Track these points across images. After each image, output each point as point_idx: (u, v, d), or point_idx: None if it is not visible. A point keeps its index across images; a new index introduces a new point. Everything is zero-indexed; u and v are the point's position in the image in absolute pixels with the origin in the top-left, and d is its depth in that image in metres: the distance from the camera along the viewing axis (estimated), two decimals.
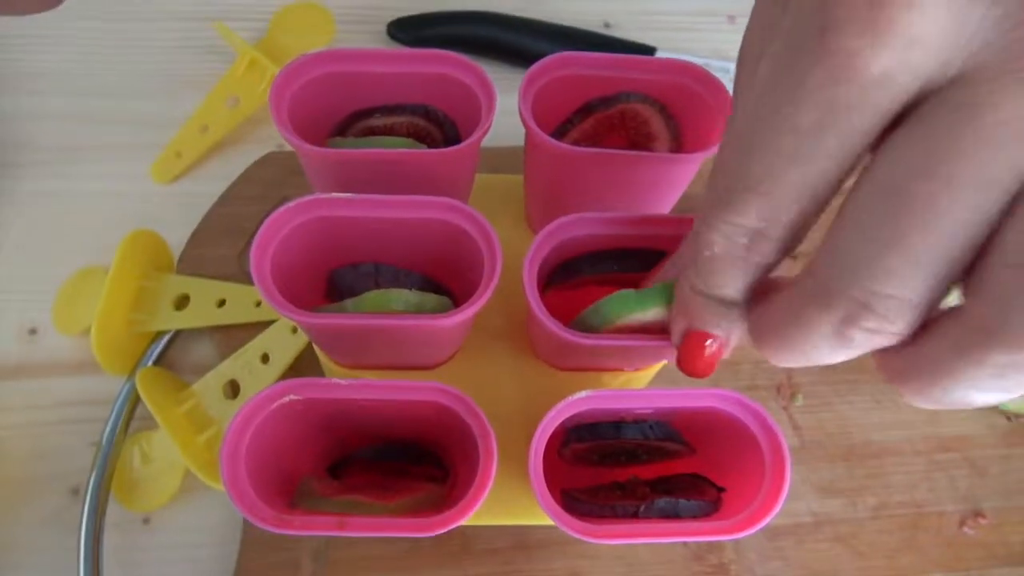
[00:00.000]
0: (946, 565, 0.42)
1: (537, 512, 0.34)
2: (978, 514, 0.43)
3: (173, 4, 0.55)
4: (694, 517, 0.29)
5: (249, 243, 0.46)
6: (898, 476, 0.44)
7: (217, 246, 0.46)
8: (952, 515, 0.43)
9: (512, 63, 0.55)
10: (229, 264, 0.45)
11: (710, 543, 0.41)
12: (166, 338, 0.44)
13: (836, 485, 0.43)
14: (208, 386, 0.42)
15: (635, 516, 0.29)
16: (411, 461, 0.35)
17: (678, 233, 0.31)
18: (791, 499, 0.43)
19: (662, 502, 0.29)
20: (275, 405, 0.28)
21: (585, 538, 0.27)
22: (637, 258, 0.31)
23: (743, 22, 0.36)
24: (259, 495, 0.27)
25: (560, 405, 0.28)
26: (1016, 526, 0.43)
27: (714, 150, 0.33)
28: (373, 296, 0.30)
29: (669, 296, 0.27)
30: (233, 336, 0.43)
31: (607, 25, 0.58)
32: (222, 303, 0.44)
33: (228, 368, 0.42)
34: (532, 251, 0.29)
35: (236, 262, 0.45)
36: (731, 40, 0.58)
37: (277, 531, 0.26)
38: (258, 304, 0.43)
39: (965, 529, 0.43)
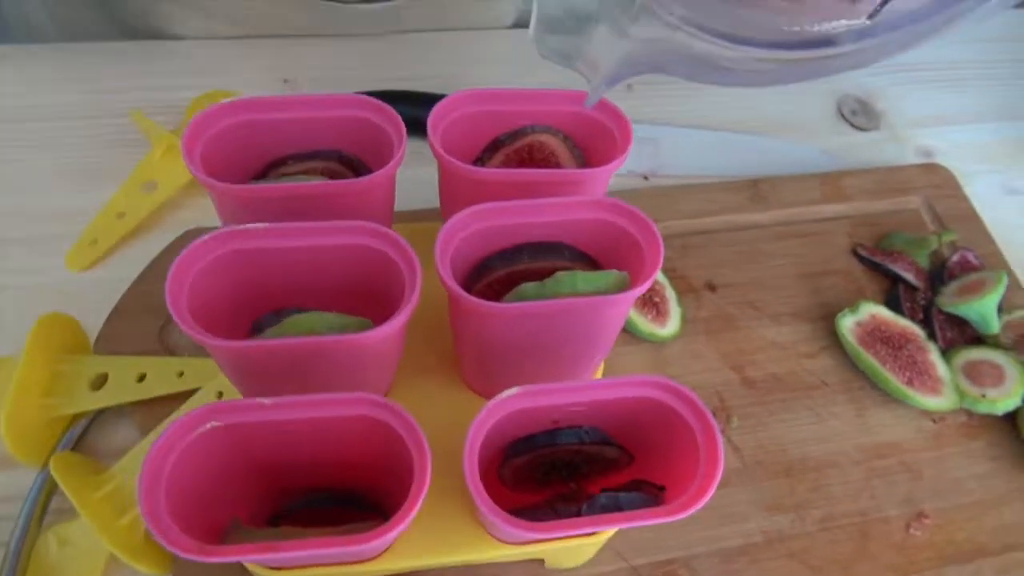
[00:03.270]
0: (899, 569, 0.42)
1: (484, 545, 0.33)
2: (921, 515, 0.43)
3: (87, 101, 0.56)
4: (636, 510, 0.29)
5: (169, 319, 0.45)
6: (839, 487, 0.44)
7: (136, 323, 0.44)
8: (897, 519, 0.43)
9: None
10: (149, 340, 0.44)
11: (665, 572, 0.40)
12: (84, 422, 0.42)
13: (781, 502, 0.43)
14: (130, 465, 0.40)
15: (578, 515, 0.28)
16: (347, 508, 0.34)
17: (583, 217, 0.32)
18: (740, 519, 0.42)
19: (603, 498, 0.28)
20: (196, 433, 0.27)
21: (527, 534, 0.26)
22: (546, 250, 0.32)
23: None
24: (183, 528, 0.25)
25: (492, 403, 0.28)
26: (959, 523, 0.44)
27: (617, 165, 0.35)
28: (294, 320, 0.30)
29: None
30: (156, 410, 0.42)
31: None
32: (142, 378, 0.42)
33: (151, 443, 0.40)
34: (440, 244, 0.30)
35: (156, 338, 0.44)
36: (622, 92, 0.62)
37: (203, 559, 0.24)
38: (180, 374, 0.42)
39: (912, 531, 0.43)
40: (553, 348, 0.33)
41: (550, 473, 0.33)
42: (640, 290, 0.31)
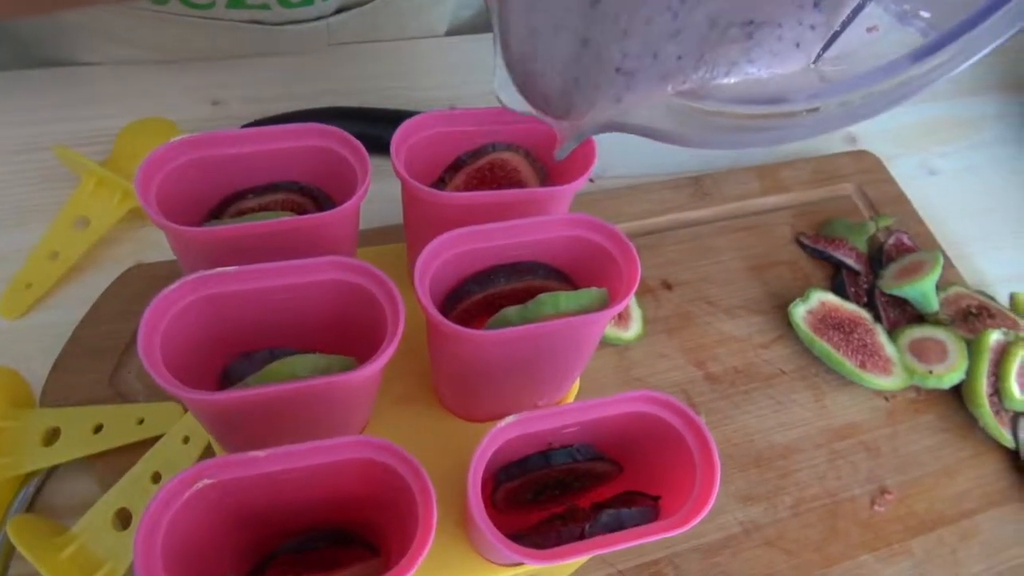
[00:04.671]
0: (869, 545, 0.44)
1: (479, 569, 0.33)
2: (884, 491, 0.46)
3: (2, 136, 0.52)
4: (637, 525, 0.29)
5: (121, 362, 0.43)
6: (806, 471, 0.46)
7: (84, 371, 0.42)
8: (862, 497, 0.45)
9: (373, 152, 0.56)
10: (100, 387, 0.42)
11: (651, 574, 0.41)
12: (37, 480, 0.40)
13: (753, 491, 0.45)
14: (93, 523, 0.38)
15: (582, 536, 0.28)
16: (338, 546, 0.33)
17: (558, 235, 0.32)
18: (717, 513, 0.43)
19: (605, 516, 0.29)
20: (189, 493, 0.25)
21: (536, 562, 0.26)
22: (522, 270, 0.32)
23: None
24: None
25: (491, 434, 0.28)
26: (917, 495, 0.46)
27: (582, 182, 0.35)
28: (276, 367, 0.29)
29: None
30: (116, 462, 0.40)
31: (452, 107, 0.61)
32: (99, 428, 0.40)
33: (115, 497, 0.38)
34: (418, 271, 0.30)
35: (108, 385, 0.42)
36: None
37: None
38: (140, 422, 0.40)
39: (876, 507, 0.45)
40: (536, 369, 0.33)
41: (541, 492, 0.33)
42: (622, 305, 0.31)
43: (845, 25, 0.27)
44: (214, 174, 0.34)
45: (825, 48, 0.28)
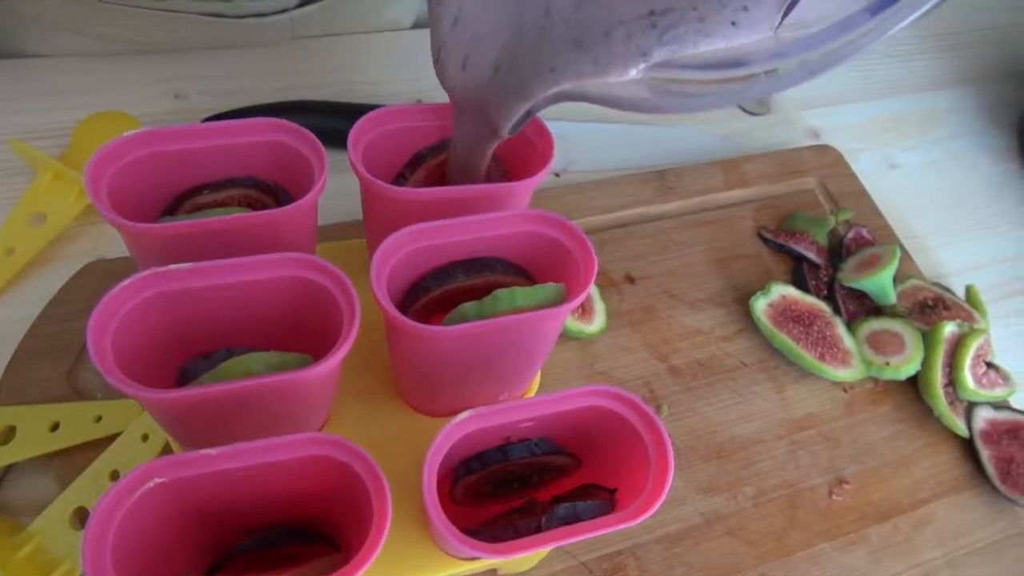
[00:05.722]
0: (827, 534, 0.44)
1: (437, 562, 0.33)
2: (842, 481, 0.46)
3: None
4: (593, 518, 0.29)
5: (79, 359, 0.43)
6: (766, 462, 0.46)
7: (41, 368, 0.42)
8: (821, 487, 0.46)
9: (336, 146, 0.55)
10: (58, 385, 0.41)
11: (613, 565, 0.41)
12: None
13: (715, 482, 0.45)
14: (50, 521, 0.38)
15: (539, 530, 0.28)
16: (298, 544, 0.33)
17: (516, 230, 0.32)
18: (679, 504, 0.44)
19: (562, 510, 0.29)
20: (140, 492, 0.25)
21: (492, 556, 0.26)
22: (480, 266, 0.32)
23: None
24: None
25: (446, 429, 0.28)
26: (874, 484, 0.47)
27: (540, 177, 0.35)
28: (231, 364, 0.29)
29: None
30: (74, 460, 0.39)
31: (419, 102, 0.60)
32: (55, 427, 0.40)
33: (73, 495, 0.38)
34: (375, 268, 0.30)
35: (65, 381, 0.42)
36: None
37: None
38: (98, 419, 0.40)
39: (834, 497, 0.46)
40: (495, 364, 0.33)
41: (500, 487, 0.33)
42: (578, 301, 0.31)
43: None
44: (168, 169, 0.33)
45: (785, 15, 0.28)
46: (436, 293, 0.33)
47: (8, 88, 0.54)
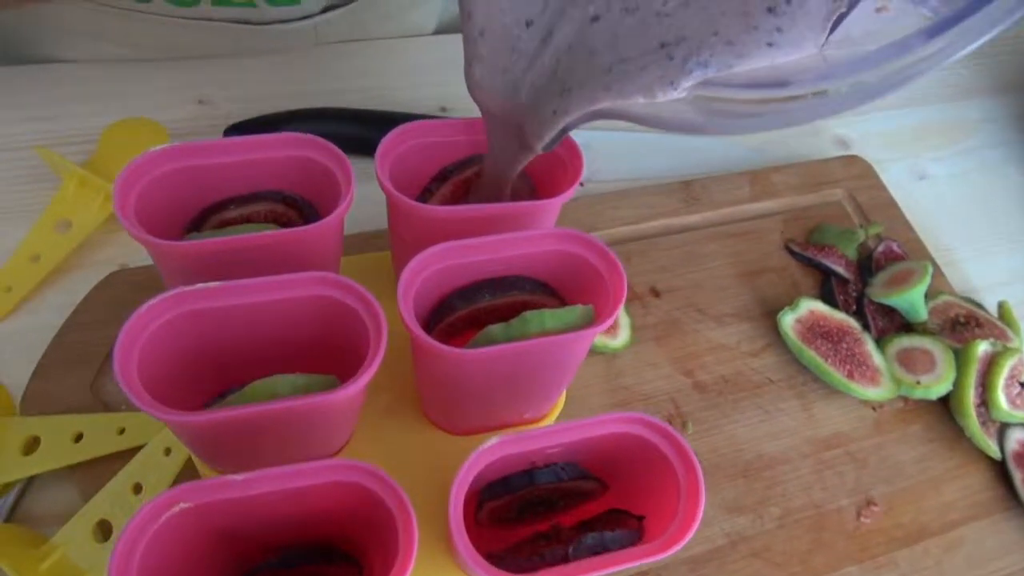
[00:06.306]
0: (854, 557, 0.44)
1: None
2: (870, 502, 0.45)
3: None
4: (622, 547, 0.29)
5: (102, 369, 0.43)
6: (793, 482, 0.46)
7: (65, 378, 0.42)
8: (848, 508, 0.45)
9: (356, 153, 0.55)
10: (81, 395, 0.41)
11: None
12: (17, 489, 0.39)
13: (740, 502, 0.44)
14: (73, 533, 0.38)
15: (566, 559, 0.28)
16: (321, 563, 0.33)
17: (544, 249, 0.32)
18: (704, 525, 0.43)
19: (590, 539, 0.28)
20: (165, 518, 0.25)
21: None
22: (506, 285, 0.32)
23: None
24: None
25: (472, 457, 0.27)
26: (904, 507, 0.46)
27: (568, 195, 0.35)
28: (257, 386, 0.28)
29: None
30: (97, 472, 0.39)
31: (443, 109, 0.60)
32: (79, 438, 0.40)
33: (95, 508, 0.38)
34: (402, 288, 0.29)
35: (89, 392, 0.42)
36: None
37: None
38: (121, 431, 0.40)
39: (862, 519, 0.45)
40: (521, 384, 0.33)
41: (525, 510, 0.33)
42: (607, 323, 0.31)
43: (852, 5, 0.26)
44: (195, 184, 0.33)
45: (832, 31, 0.27)
46: (463, 312, 0.33)
47: (34, 94, 0.54)
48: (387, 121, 0.56)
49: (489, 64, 0.32)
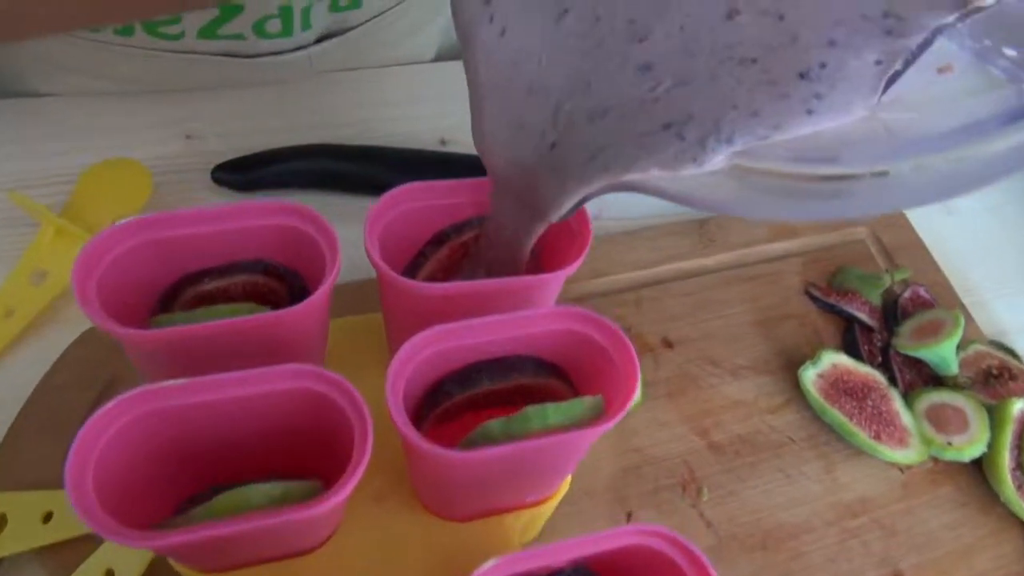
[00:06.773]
0: None
1: None
2: (899, 575, 0.42)
3: None
4: None
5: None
6: (816, 553, 0.43)
7: (35, 449, 0.39)
8: None
9: (353, 192, 0.52)
10: (54, 467, 0.38)
11: None
12: None
13: None
14: None
15: None
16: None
17: (547, 328, 0.29)
18: None
19: None
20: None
21: None
22: (507, 367, 0.29)
23: None
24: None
25: None
26: None
27: (573, 268, 0.32)
28: (227, 497, 0.26)
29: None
30: (67, 555, 0.36)
31: (443, 142, 0.57)
32: (48, 517, 0.37)
33: None
34: (391, 379, 0.27)
35: (61, 465, 0.39)
36: None
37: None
38: None
39: None
40: (522, 478, 0.30)
41: None
42: (618, 418, 0.28)
43: (909, 62, 0.23)
44: (166, 256, 0.30)
45: (884, 90, 0.23)
46: (460, 398, 0.30)
47: (12, 130, 0.51)
48: (381, 158, 0.53)
49: (501, 117, 0.29)
